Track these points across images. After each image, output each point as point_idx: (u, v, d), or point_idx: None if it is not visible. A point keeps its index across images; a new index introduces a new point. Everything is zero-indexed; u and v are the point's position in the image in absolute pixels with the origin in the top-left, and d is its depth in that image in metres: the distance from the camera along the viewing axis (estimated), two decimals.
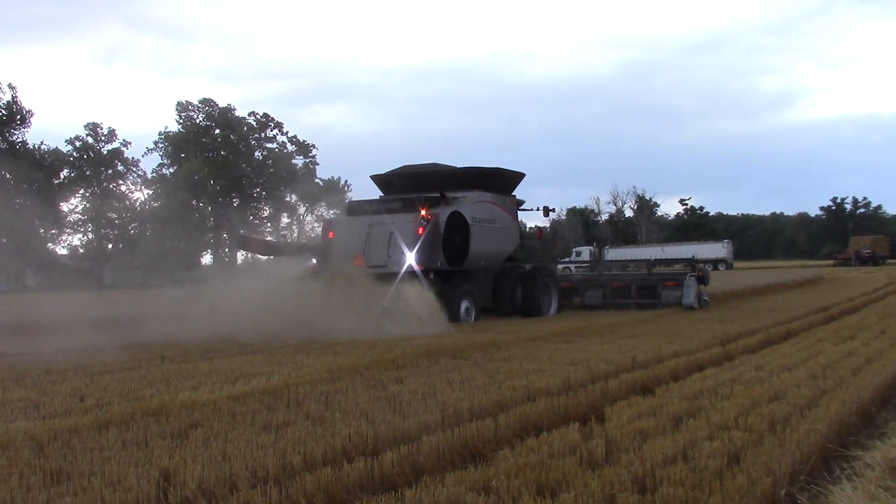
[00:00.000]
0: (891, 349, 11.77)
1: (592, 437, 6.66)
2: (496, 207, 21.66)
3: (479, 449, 6.54)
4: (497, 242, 21.64)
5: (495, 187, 21.93)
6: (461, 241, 19.83)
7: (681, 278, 23.83)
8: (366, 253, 19.31)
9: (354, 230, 19.83)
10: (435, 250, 19.03)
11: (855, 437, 6.94)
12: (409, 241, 18.90)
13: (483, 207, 21.01)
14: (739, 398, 8.10)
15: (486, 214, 21.00)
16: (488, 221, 21.06)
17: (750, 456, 5.96)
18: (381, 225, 19.49)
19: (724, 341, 13.22)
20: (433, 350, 12.23)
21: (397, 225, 19.25)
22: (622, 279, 24.93)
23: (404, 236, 18.98)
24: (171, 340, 15.43)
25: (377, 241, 19.35)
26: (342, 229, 20.31)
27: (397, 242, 18.99)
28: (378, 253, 19.23)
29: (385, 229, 19.33)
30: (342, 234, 20.16)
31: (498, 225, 21.58)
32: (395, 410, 7.74)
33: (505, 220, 22.06)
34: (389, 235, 19.19)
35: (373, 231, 19.51)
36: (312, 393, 8.89)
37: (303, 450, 6.23)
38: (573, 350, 12.52)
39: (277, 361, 11.87)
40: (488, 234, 20.95)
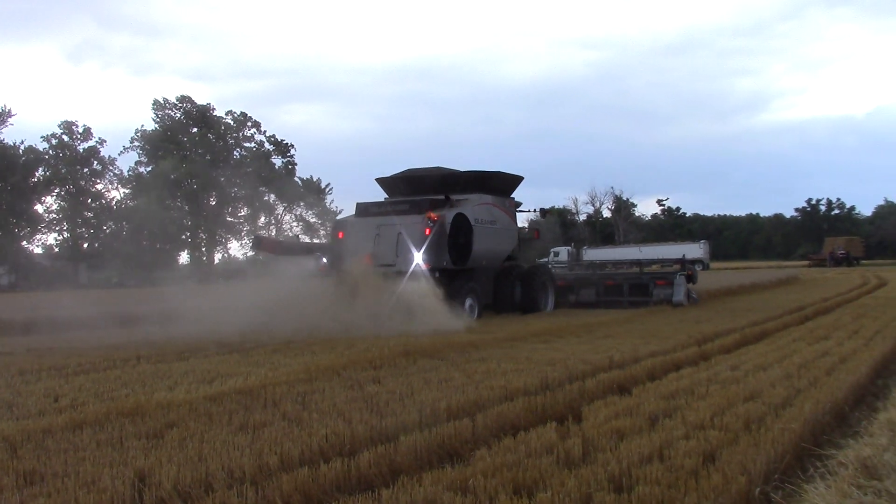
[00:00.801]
0: (864, 349, 11.89)
1: (569, 436, 6.68)
2: (496, 209, 22.49)
3: (457, 449, 6.54)
4: (497, 243, 22.47)
5: (495, 190, 22.76)
6: (465, 242, 20.66)
7: (671, 277, 24.76)
8: (375, 252, 20.04)
9: (363, 231, 20.62)
10: (441, 250, 19.87)
11: (829, 436, 7.01)
12: (416, 242, 19.65)
13: (484, 209, 21.84)
14: (715, 398, 8.15)
15: (487, 216, 21.84)
16: (489, 222, 21.90)
17: (725, 455, 6.01)
18: (390, 226, 20.29)
19: (701, 341, 13.29)
20: (411, 350, 12.23)
21: (405, 226, 20.00)
22: (615, 278, 25.86)
23: (412, 237, 19.75)
24: (149, 340, 15.34)
25: (386, 241, 20.14)
26: (351, 230, 21.05)
27: (405, 243, 19.75)
28: (387, 253, 19.98)
29: (393, 230, 20.12)
30: (351, 234, 20.94)
31: (498, 226, 22.40)
32: (372, 410, 7.73)
33: (505, 222, 22.89)
34: (398, 236, 19.95)
35: (381, 232, 20.30)
36: (289, 393, 8.86)
37: (279, 450, 6.21)
38: (551, 350, 12.55)
39: (254, 362, 11.83)
40: (489, 234, 21.81)
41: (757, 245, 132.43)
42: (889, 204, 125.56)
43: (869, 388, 9.46)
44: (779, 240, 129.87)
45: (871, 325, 15.58)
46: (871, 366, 10.33)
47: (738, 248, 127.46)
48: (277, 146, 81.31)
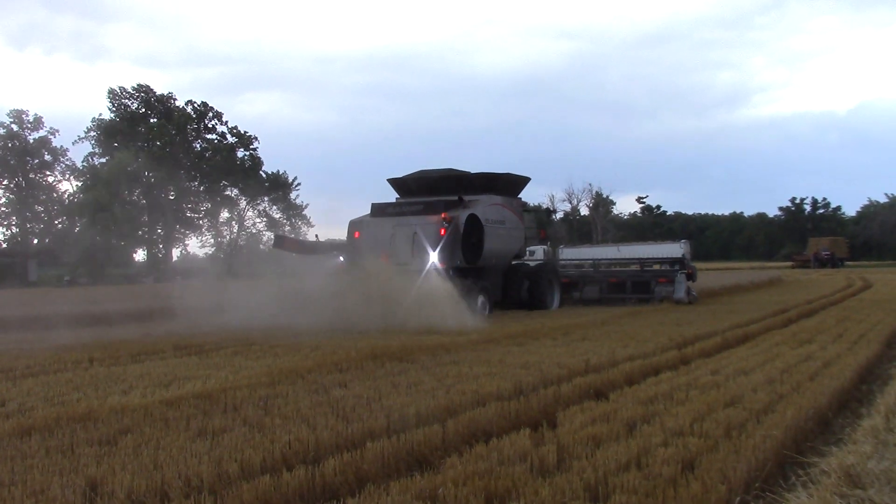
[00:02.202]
0: (848, 353, 12.02)
1: (544, 443, 6.70)
2: (505, 209, 24.11)
3: (426, 456, 6.54)
4: (506, 242, 24.07)
5: (504, 190, 24.48)
6: (477, 241, 22.18)
7: (672, 275, 26.73)
8: (391, 252, 21.56)
9: (379, 230, 22.32)
10: (455, 250, 21.52)
11: (811, 443, 7.08)
12: (432, 242, 21.30)
13: (494, 209, 23.43)
14: (695, 403, 8.21)
15: (496, 216, 23.43)
16: (499, 222, 23.49)
17: (705, 463, 6.05)
18: (406, 226, 22.02)
19: (681, 344, 13.37)
20: (378, 353, 12.22)
21: (421, 226, 21.72)
22: (618, 276, 28.06)
23: (428, 237, 21.39)
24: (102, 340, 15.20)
25: (401, 240, 21.81)
26: (367, 229, 22.70)
27: (421, 242, 21.40)
28: (403, 252, 21.58)
29: (409, 230, 21.84)
30: (368, 234, 22.59)
31: (507, 226, 24.02)
32: (337, 416, 7.71)
33: (513, 222, 24.50)
34: (413, 235, 21.63)
35: (397, 231, 22.00)
36: (251, 397, 8.82)
37: (240, 457, 6.18)
38: (525, 353, 12.58)
39: (214, 364, 11.76)
40: (499, 234, 23.38)
41: (739, 245, 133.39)
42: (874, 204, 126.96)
43: (853, 394, 9.57)
44: (762, 240, 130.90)
45: (855, 329, 15.76)
46: (856, 370, 10.46)
47: (719, 247, 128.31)
48: (240, 138, 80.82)
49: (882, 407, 7.85)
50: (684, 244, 52.52)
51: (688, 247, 51.42)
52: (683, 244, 52.63)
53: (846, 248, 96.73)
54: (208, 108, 79.89)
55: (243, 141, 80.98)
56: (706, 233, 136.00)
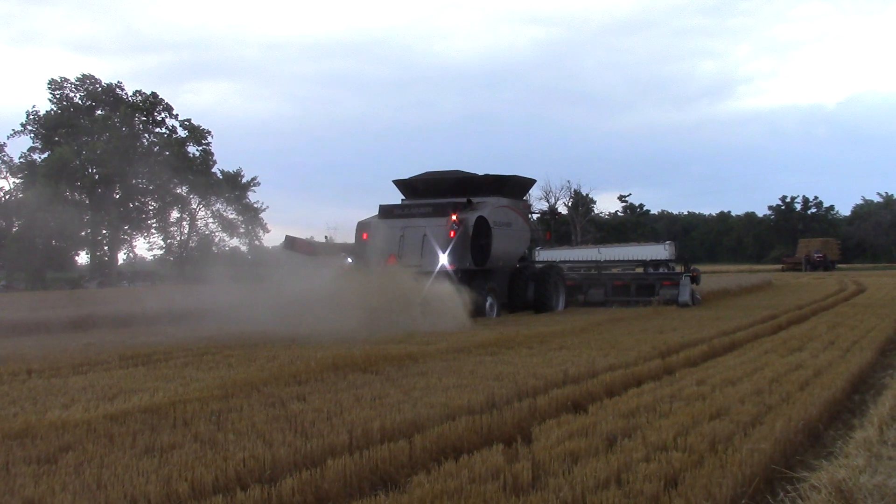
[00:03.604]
0: (840, 361, 12.16)
1: (518, 459, 6.71)
2: (511, 212, 25.54)
3: (392, 474, 6.54)
4: (513, 244, 25.67)
5: (510, 192, 25.89)
6: (485, 244, 23.64)
7: (677, 278, 28.50)
8: (400, 253, 23.06)
9: (388, 232, 23.71)
10: (464, 251, 23.08)
11: (801, 457, 7.16)
12: (441, 243, 22.83)
13: (501, 212, 24.82)
14: (679, 415, 8.27)
15: (503, 218, 24.83)
16: (506, 224, 24.89)
17: (689, 479, 6.09)
18: (415, 228, 23.49)
19: (664, 353, 13.46)
20: (340, 363, 12.19)
21: (430, 228, 23.19)
22: (623, 278, 30.06)
23: (437, 238, 22.89)
24: (41, 350, 15.04)
25: (411, 242, 23.29)
26: (375, 231, 24.06)
27: (431, 244, 22.86)
28: (412, 253, 23.07)
29: (418, 232, 23.33)
30: (376, 235, 23.91)
31: (514, 228, 25.51)
32: (296, 431, 7.69)
33: (519, 224, 26.05)
34: (423, 237, 23.11)
35: (406, 233, 23.46)
36: (202, 412, 8.76)
37: (190, 476, 6.14)
38: (498, 363, 12.60)
39: (163, 376, 11.67)
40: (506, 236, 24.81)
41: (727, 246, 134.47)
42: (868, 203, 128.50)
43: (845, 405, 9.69)
44: (750, 241, 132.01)
45: (848, 336, 15.94)
46: (848, 380, 10.58)
47: (706, 249, 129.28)
48: (192, 132, 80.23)
49: (875, 418, 7.94)
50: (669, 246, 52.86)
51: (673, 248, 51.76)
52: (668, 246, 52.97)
53: (837, 250, 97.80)
54: (158, 100, 79.26)
55: (195, 135, 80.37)
56: (692, 233, 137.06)
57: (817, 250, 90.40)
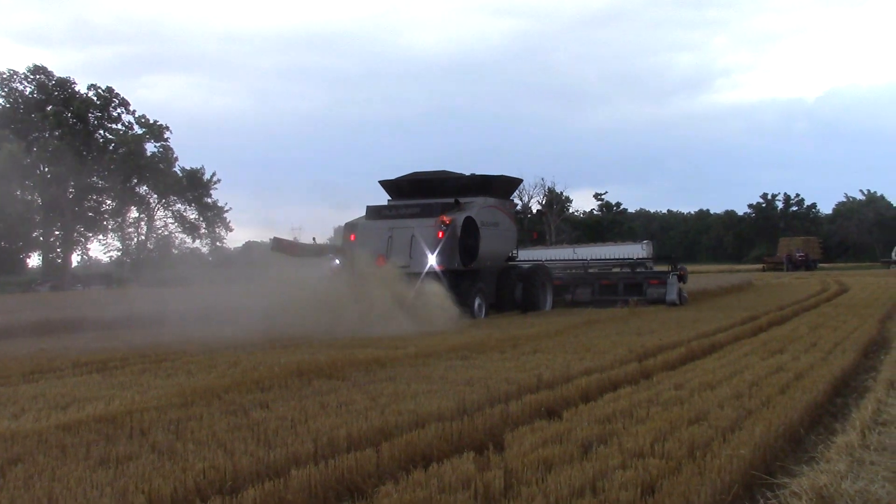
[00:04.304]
0: (822, 364, 12.26)
1: (489, 468, 6.72)
2: (498, 212, 26.41)
3: (358, 484, 6.53)
4: (500, 244, 26.57)
5: (497, 192, 26.78)
6: (473, 244, 24.38)
7: (664, 277, 29.48)
8: (388, 254, 23.70)
9: (376, 233, 24.58)
10: (452, 252, 23.86)
11: (782, 463, 7.21)
12: (430, 244, 23.54)
13: (489, 212, 25.66)
14: (656, 421, 8.30)
15: (491, 218, 25.67)
16: (493, 225, 25.73)
17: (666, 486, 6.12)
18: (403, 228, 24.22)
19: (642, 356, 13.52)
20: (305, 369, 12.15)
21: (418, 228, 23.95)
22: (610, 277, 30.92)
23: (426, 239, 23.63)
24: None
25: (399, 243, 23.98)
26: (363, 232, 24.89)
27: (419, 245, 23.60)
28: (400, 254, 23.69)
29: (406, 232, 24.05)
30: (364, 236, 24.73)
31: (501, 228, 26.40)
32: (258, 440, 7.66)
33: (506, 224, 26.98)
34: (411, 238, 23.83)
35: (394, 234, 24.20)
36: (160, 420, 8.71)
37: (147, 488, 6.11)
38: (470, 368, 12.61)
39: (119, 383, 11.59)
40: (493, 236, 25.62)
41: (706, 246, 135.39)
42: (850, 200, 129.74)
43: (827, 408, 9.78)
44: (730, 240, 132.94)
45: (829, 337, 16.08)
46: (830, 383, 10.67)
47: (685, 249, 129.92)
48: (150, 129, 79.73)
49: (857, 422, 8.03)
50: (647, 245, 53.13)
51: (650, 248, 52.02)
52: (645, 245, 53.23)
53: (819, 249, 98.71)
54: (113, 95, 78.71)
55: (153, 132, 79.88)
56: (670, 232, 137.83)
57: (799, 249, 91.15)
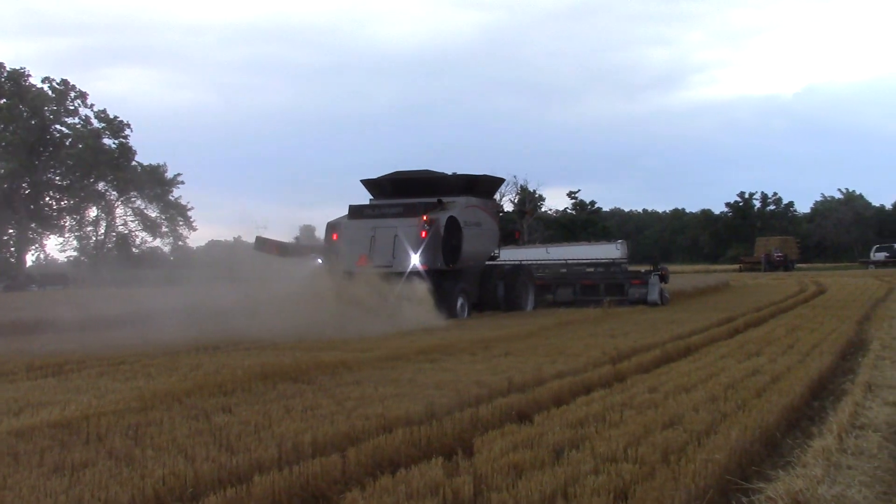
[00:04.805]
0: (799, 366, 12.36)
1: (458, 473, 6.73)
2: (481, 211, 27.30)
3: (323, 490, 6.52)
4: (483, 244, 27.41)
5: (480, 192, 27.74)
6: (456, 244, 25.11)
7: (646, 277, 30.45)
8: (371, 254, 24.47)
9: (358, 233, 25.24)
10: (435, 252, 24.46)
11: (757, 467, 7.26)
12: (413, 244, 24.19)
13: (472, 212, 26.50)
14: (630, 425, 8.34)
15: (473, 218, 26.51)
16: (476, 224, 26.56)
17: (639, 492, 6.15)
18: (386, 228, 24.86)
19: (616, 359, 13.58)
20: (269, 372, 12.11)
21: (401, 228, 24.58)
22: (592, 278, 31.92)
23: (409, 239, 24.28)
24: None
25: (382, 242, 24.67)
26: (346, 231, 25.58)
27: (402, 244, 24.27)
28: (383, 254, 24.47)
29: (389, 232, 24.70)
30: (346, 236, 25.43)
31: (483, 227, 27.25)
32: (220, 446, 7.62)
33: (489, 223, 27.84)
34: (394, 238, 24.49)
35: (377, 234, 24.86)
36: (118, 425, 8.65)
37: (104, 496, 6.06)
38: (439, 371, 12.62)
39: (75, 387, 11.49)
40: (476, 236, 26.48)
41: (682, 246, 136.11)
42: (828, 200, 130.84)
43: (804, 412, 9.85)
44: (707, 240, 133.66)
45: (807, 339, 16.22)
46: (807, 385, 10.76)
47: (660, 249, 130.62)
48: (108, 124, 79.12)
49: (834, 426, 8.11)
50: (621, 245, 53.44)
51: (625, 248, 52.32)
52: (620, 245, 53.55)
53: (796, 249, 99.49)
54: (70, 88, 78.01)
55: (112, 127, 79.26)
56: (645, 232, 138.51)
57: (777, 249, 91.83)
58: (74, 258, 79.64)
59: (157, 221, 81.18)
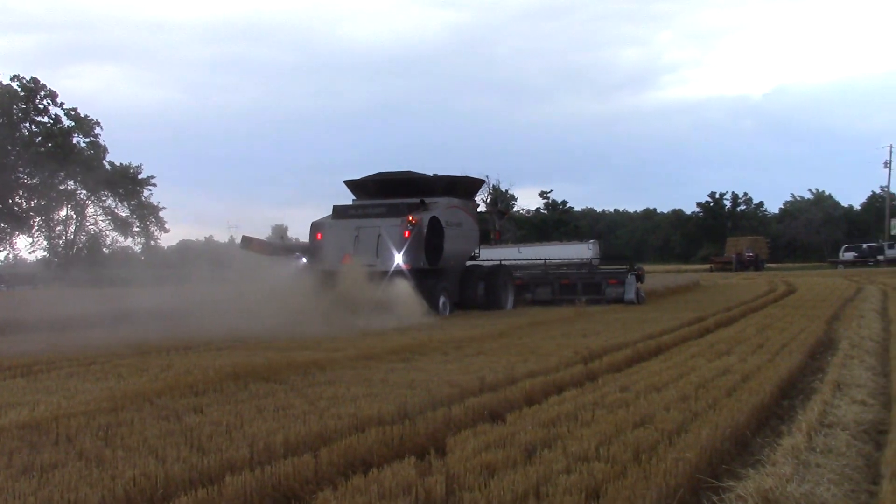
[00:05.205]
0: (769, 365, 12.45)
1: (431, 473, 6.73)
2: (462, 212, 27.95)
3: (296, 490, 6.51)
4: (463, 244, 28.07)
5: (461, 193, 28.47)
6: (437, 243, 25.74)
7: (622, 276, 31.28)
8: (354, 253, 24.98)
9: (342, 232, 25.76)
10: (418, 251, 25.08)
11: (728, 466, 7.31)
12: (396, 243, 24.80)
13: (453, 212, 27.14)
14: (601, 424, 8.37)
15: (455, 218, 27.12)
16: (457, 225, 27.19)
17: (611, 490, 6.17)
18: (369, 228, 25.45)
19: (587, 358, 13.62)
20: (241, 372, 12.06)
21: (385, 228, 25.17)
22: (570, 277, 32.75)
23: (392, 238, 24.87)
24: None
25: (366, 242, 25.24)
26: (330, 231, 26.09)
27: (386, 244, 24.86)
28: (367, 253, 25.00)
29: (373, 232, 25.28)
30: (330, 235, 25.95)
31: (464, 228, 27.90)
32: (191, 446, 7.59)
33: (469, 224, 28.55)
34: (378, 237, 25.06)
35: (361, 233, 25.44)
36: (88, 426, 8.59)
37: (73, 497, 6.02)
38: (411, 370, 12.62)
39: (44, 388, 11.41)
40: (457, 236, 27.10)
41: (654, 245, 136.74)
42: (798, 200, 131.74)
43: (774, 410, 9.93)
44: (678, 239, 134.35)
45: (777, 338, 16.33)
46: (777, 384, 10.84)
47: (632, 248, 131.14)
48: (78, 122, 78.47)
49: (804, 424, 8.17)
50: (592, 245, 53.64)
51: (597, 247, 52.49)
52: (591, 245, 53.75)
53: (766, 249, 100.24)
54: (39, 86, 77.31)
55: (82, 125, 78.62)
56: (617, 232, 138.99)
57: (749, 249, 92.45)
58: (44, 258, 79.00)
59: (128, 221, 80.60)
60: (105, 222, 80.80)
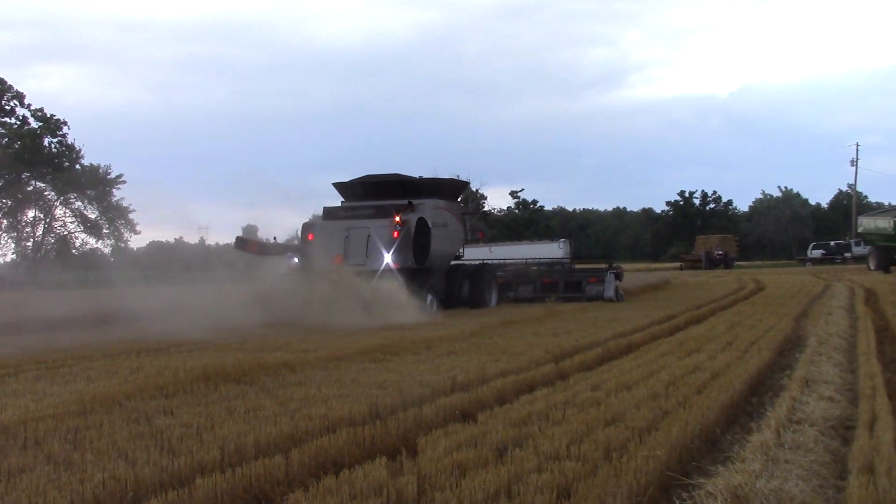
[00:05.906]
0: (738, 363, 12.53)
1: (402, 473, 6.72)
2: (448, 213, 29.01)
3: (266, 492, 6.49)
4: (449, 244, 29.23)
5: (446, 194, 29.74)
6: (425, 243, 26.73)
7: (602, 275, 32.19)
8: (345, 253, 25.95)
9: (333, 233, 26.71)
10: (406, 251, 26.09)
11: (698, 463, 7.35)
12: (386, 243, 25.73)
13: (439, 213, 28.12)
14: (572, 423, 8.39)
15: (441, 219, 28.14)
16: (443, 225, 28.19)
17: (582, 489, 6.19)
18: (359, 228, 26.42)
19: (558, 357, 13.64)
20: (211, 373, 11.98)
21: (374, 229, 26.15)
22: (551, 275, 33.75)
23: (381, 239, 25.83)
24: None
25: (355, 242, 26.22)
26: (321, 232, 27.06)
27: (376, 244, 25.82)
28: (357, 253, 26.01)
29: (363, 232, 26.25)
30: (321, 236, 26.85)
31: (450, 228, 28.95)
32: (162, 449, 7.55)
33: (454, 224, 29.61)
34: (367, 238, 26.03)
35: (351, 234, 26.41)
36: (56, 430, 8.50)
37: (42, 501, 5.99)
38: (383, 371, 12.60)
39: (12, 391, 11.29)
40: (443, 236, 28.18)
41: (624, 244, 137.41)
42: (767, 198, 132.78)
43: (743, 407, 9.99)
44: (648, 238, 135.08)
45: (746, 336, 16.43)
46: (746, 381, 10.91)
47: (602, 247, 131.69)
48: (46, 123, 77.83)
49: (773, 421, 8.23)
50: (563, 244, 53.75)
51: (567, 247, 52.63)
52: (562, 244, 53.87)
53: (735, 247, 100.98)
54: (6, 87, 76.63)
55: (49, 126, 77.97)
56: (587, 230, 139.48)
57: (717, 247, 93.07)
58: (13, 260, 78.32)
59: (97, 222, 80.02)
60: (74, 224, 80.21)
